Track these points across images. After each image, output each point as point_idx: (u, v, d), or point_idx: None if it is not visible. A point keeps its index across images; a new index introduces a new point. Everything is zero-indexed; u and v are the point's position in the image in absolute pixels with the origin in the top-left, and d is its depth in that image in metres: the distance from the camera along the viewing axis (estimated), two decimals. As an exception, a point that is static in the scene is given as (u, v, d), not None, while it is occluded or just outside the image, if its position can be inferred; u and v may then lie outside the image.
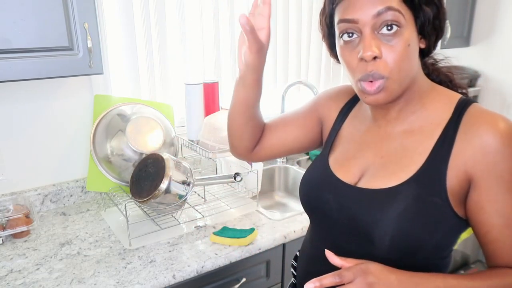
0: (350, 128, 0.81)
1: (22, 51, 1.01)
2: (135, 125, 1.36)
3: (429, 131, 0.67)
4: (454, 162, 0.63)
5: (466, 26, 2.14)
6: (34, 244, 1.18)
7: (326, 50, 0.78)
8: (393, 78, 0.62)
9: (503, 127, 0.60)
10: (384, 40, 0.61)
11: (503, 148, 0.60)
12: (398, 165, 0.68)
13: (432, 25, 0.64)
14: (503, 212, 0.62)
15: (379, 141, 0.73)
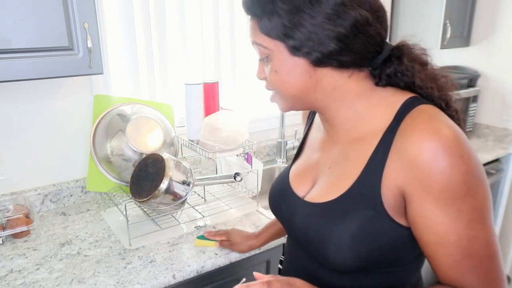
0: (312, 136, 0.81)
1: (22, 51, 1.01)
2: (135, 125, 1.36)
3: (369, 138, 0.63)
4: (387, 174, 0.59)
5: (466, 26, 2.14)
6: (34, 244, 1.18)
7: None
8: (278, 93, 0.68)
9: (433, 138, 0.55)
10: (266, 64, 0.67)
11: (430, 163, 0.54)
12: (339, 176, 0.67)
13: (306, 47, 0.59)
14: (434, 229, 0.57)
15: (328, 149, 0.72)
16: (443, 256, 0.58)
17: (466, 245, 0.57)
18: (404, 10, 2.15)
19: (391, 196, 0.60)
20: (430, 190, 0.56)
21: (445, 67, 2.33)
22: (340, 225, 0.63)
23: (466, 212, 0.56)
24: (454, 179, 0.54)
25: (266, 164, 1.82)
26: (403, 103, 0.62)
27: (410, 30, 2.14)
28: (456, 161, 0.54)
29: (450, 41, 2.03)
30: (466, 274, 0.58)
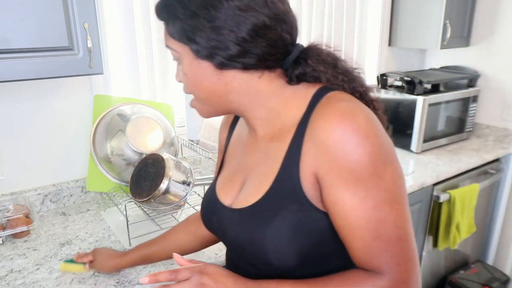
0: (234, 146, 0.80)
1: (22, 51, 1.01)
2: (135, 125, 1.36)
3: (285, 133, 0.64)
4: (304, 164, 0.60)
5: (466, 26, 2.14)
6: (34, 244, 1.18)
7: None
8: (196, 97, 0.68)
9: (340, 121, 0.57)
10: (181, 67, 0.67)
11: (338, 147, 0.56)
12: (261, 176, 0.67)
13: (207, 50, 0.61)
14: (344, 213, 0.58)
15: (252, 151, 0.72)
16: (354, 240, 0.59)
17: (375, 227, 0.57)
18: (404, 10, 2.15)
19: (310, 186, 0.61)
20: (339, 172, 0.57)
21: (445, 67, 2.33)
22: (271, 227, 0.62)
23: (374, 193, 0.57)
24: (360, 159, 0.56)
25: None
26: (314, 93, 0.64)
27: (410, 30, 2.14)
28: (362, 142, 0.56)
29: (450, 41, 2.03)
30: (376, 256, 0.59)
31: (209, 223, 0.78)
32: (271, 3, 0.59)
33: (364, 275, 0.60)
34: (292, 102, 0.65)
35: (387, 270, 0.59)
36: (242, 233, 0.67)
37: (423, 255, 1.87)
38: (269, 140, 0.68)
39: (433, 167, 1.81)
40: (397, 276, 0.59)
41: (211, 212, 0.77)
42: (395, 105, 2.03)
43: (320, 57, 0.66)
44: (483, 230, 2.23)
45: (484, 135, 2.24)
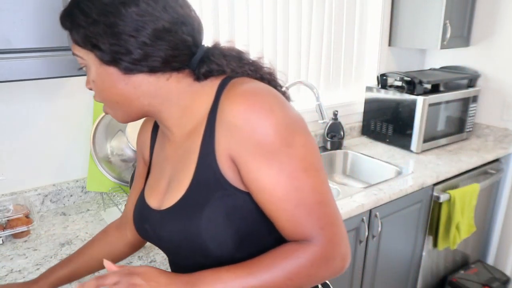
0: (157, 151, 0.81)
1: (22, 51, 1.01)
2: (135, 125, 1.36)
3: (198, 126, 0.67)
4: (219, 151, 0.63)
5: (466, 26, 2.14)
6: (34, 244, 1.18)
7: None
8: (105, 103, 0.69)
9: (243, 100, 0.60)
10: None
11: (244, 125, 0.59)
12: (182, 172, 0.69)
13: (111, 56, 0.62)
14: (263, 188, 0.61)
15: (171, 152, 0.74)
16: (278, 212, 0.62)
17: (295, 195, 0.60)
18: (404, 10, 2.15)
19: (228, 169, 0.63)
20: (250, 149, 0.59)
21: (445, 67, 2.33)
22: (203, 218, 0.64)
23: (287, 163, 0.59)
24: (268, 132, 0.58)
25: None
26: (219, 83, 0.67)
27: (410, 30, 2.14)
28: (266, 115, 0.58)
29: (450, 41, 2.04)
30: (302, 224, 0.61)
31: (143, 232, 0.77)
32: (170, 8, 0.62)
33: (294, 246, 0.62)
34: (201, 97, 0.67)
35: (314, 236, 0.62)
36: (176, 231, 0.68)
37: (423, 255, 1.87)
38: (186, 138, 0.70)
39: (433, 167, 1.81)
40: (325, 239, 0.62)
41: (143, 221, 0.76)
42: (395, 105, 2.04)
43: (222, 52, 0.69)
44: (483, 230, 2.23)
45: (484, 135, 2.24)
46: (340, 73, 2.13)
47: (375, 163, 1.91)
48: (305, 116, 2.17)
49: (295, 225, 0.62)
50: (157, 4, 0.61)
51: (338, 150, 2.05)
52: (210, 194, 0.64)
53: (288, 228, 0.63)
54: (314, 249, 0.61)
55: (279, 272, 0.61)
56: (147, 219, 0.75)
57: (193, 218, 0.65)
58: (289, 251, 0.62)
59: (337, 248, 0.63)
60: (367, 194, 1.52)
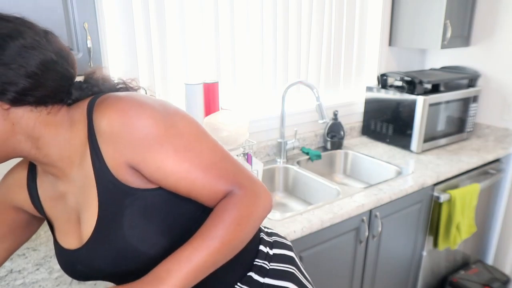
0: (48, 195, 0.77)
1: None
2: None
3: (83, 152, 0.67)
4: (112, 165, 0.65)
5: (466, 26, 2.14)
6: (34, 244, 1.18)
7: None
8: None
9: (113, 110, 0.63)
10: None
11: (124, 128, 0.62)
12: (87, 199, 0.69)
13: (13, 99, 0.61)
14: (170, 171, 0.64)
15: (68, 188, 0.72)
16: (192, 186, 0.66)
17: (198, 162, 0.65)
18: (404, 10, 2.15)
19: (128, 176, 0.66)
20: (140, 146, 0.63)
21: (445, 67, 2.33)
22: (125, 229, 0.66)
23: (178, 140, 0.64)
24: (147, 125, 0.62)
25: (266, 164, 1.82)
26: (87, 105, 0.67)
27: (410, 30, 2.14)
28: (138, 111, 0.62)
29: (450, 41, 2.04)
30: (216, 184, 0.67)
31: (78, 275, 0.76)
32: (52, 41, 0.65)
33: (222, 202, 0.67)
34: (76, 124, 0.68)
35: (232, 188, 0.68)
36: (108, 254, 0.68)
37: (424, 255, 1.87)
38: (78, 168, 0.69)
39: (433, 167, 1.80)
40: (242, 184, 0.69)
41: (73, 265, 0.74)
42: (395, 105, 2.03)
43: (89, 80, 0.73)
44: (484, 230, 2.23)
45: (485, 135, 2.24)
46: (340, 73, 2.13)
47: (375, 163, 1.91)
48: (305, 116, 2.14)
49: (211, 188, 0.67)
50: (41, 37, 0.63)
51: (338, 150, 2.05)
52: (121, 205, 0.66)
53: (207, 195, 0.67)
54: (238, 194, 0.68)
55: (226, 223, 0.65)
56: (75, 262, 0.73)
57: (116, 233, 0.67)
58: (221, 207, 0.67)
59: (255, 186, 0.70)
60: (367, 194, 1.52)
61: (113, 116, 0.62)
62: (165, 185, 0.66)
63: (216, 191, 0.67)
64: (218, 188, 0.67)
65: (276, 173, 1.84)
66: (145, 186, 0.67)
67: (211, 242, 0.63)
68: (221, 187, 0.68)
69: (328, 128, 2.04)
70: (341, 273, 1.53)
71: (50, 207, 0.77)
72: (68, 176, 0.71)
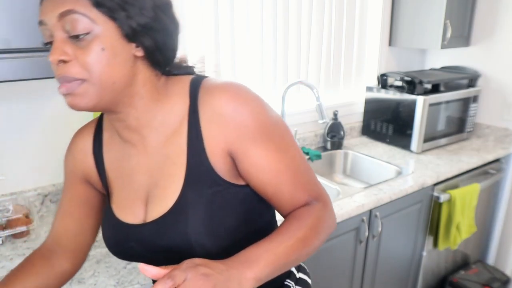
0: (114, 165, 0.74)
1: (22, 51, 1.01)
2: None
3: (178, 127, 0.66)
4: (209, 147, 0.65)
5: (466, 26, 2.13)
6: (34, 244, 1.18)
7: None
8: (91, 81, 0.58)
9: (227, 93, 0.63)
10: (76, 43, 0.57)
11: (234, 113, 0.62)
12: (168, 177, 0.67)
13: (144, 33, 0.60)
14: (266, 167, 0.65)
15: (143, 161, 0.70)
16: (281, 187, 0.67)
17: (292, 166, 0.67)
18: (404, 10, 2.15)
19: (221, 163, 0.65)
20: (248, 135, 0.63)
21: (446, 67, 2.33)
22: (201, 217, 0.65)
23: (279, 140, 0.66)
24: (259, 115, 0.64)
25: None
26: (190, 84, 0.68)
27: (410, 30, 2.14)
28: (253, 101, 0.64)
29: (450, 41, 2.03)
30: (303, 190, 0.68)
31: (124, 252, 0.73)
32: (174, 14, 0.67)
33: (303, 209, 0.68)
34: (174, 97, 0.67)
35: (314, 197, 0.70)
36: (173, 240, 0.66)
37: (424, 255, 1.87)
38: (164, 144, 0.68)
39: (433, 167, 1.80)
40: (322, 197, 0.71)
41: (125, 240, 0.71)
42: (395, 105, 2.03)
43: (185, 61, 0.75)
44: (484, 230, 2.23)
45: (485, 135, 2.24)
46: (340, 73, 2.13)
47: (375, 163, 1.91)
48: (305, 116, 2.14)
49: (295, 195, 0.68)
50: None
51: (338, 150, 2.05)
52: (204, 192, 0.65)
53: (288, 200, 0.68)
54: (317, 206, 0.69)
55: (306, 228, 0.65)
56: (131, 238, 0.70)
57: (190, 218, 0.64)
58: (303, 212, 0.67)
59: (329, 203, 0.72)
60: (367, 194, 1.52)
61: (228, 99, 0.63)
62: (254, 181, 0.67)
63: (297, 198, 0.69)
64: (300, 197, 0.69)
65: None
66: (230, 179, 0.67)
67: (289, 240, 0.63)
68: (302, 196, 0.69)
69: (328, 128, 2.04)
70: (341, 273, 1.53)
71: (114, 177, 0.74)
72: (146, 148, 0.69)
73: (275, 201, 0.69)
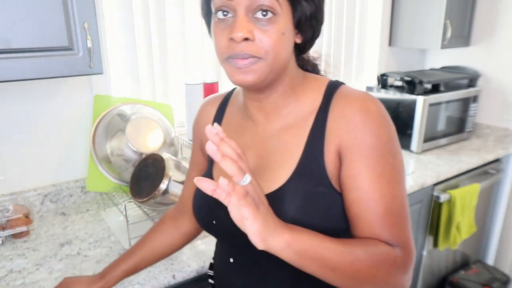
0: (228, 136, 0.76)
1: (22, 51, 1.01)
2: (135, 125, 1.36)
3: (303, 121, 0.68)
4: (328, 148, 0.65)
5: (466, 26, 2.13)
6: (34, 244, 1.18)
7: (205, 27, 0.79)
8: (266, 60, 0.61)
9: (364, 104, 0.63)
10: (258, 25, 0.60)
11: (362, 124, 0.62)
12: (279, 163, 0.68)
13: (308, 22, 0.64)
14: (362, 187, 0.62)
15: (259, 141, 0.72)
16: (367, 213, 0.63)
17: (388, 202, 0.62)
18: (404, 10, 2.15)
19: (332, 166, 0.65)
20: (362, 148, 0.62)
21: (445, 67, 2.33)
22: (295, 209, 0.64)
23: (388, 170, 0.63)
24: (381, 137, 0.62)
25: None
26: (327, 85, 0.69)
27: (410, 30, 2.14)
28: (383, 123, 0.63)
29: (450, 41, 2.03)
30: (386, 229, 0.63)
31: (208, 217, 0.74)
32: None
33: (381, 245, 0.62)
34: (310, 90, 0.70)
35: (397, 243, 0.63)
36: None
37: (424, 255, 1.87)
38: (283, 129, 0.70)
39: (433, 167, 1.80)
40: (407, 250, 0.64)
41: (212, 205, 0.71)
42: (395, 105, 2.03)
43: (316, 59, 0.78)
44: (484, 230, 2.23)
45: (485, 135, 2.24)
46: (340, 73, 2.13)
47: (375, 163, 1.91)
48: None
49: (376, 228, 0.63)
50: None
51: (338, 150, 2.04)
52: (309, 189, 0.65)
53: (372, 230, 0.63)
54: (397, 253, 0.62)
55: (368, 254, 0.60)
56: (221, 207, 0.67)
57: (287, 207, 0.64)
58: (379, 244, 0.62)
59: (411, 260, 0.64)
60: (367, 194, 1.52)
61: (362, 109, 0.63)
62: (345, 193, 0.64)
63: (377, 234, 0.63)
64: (381, 234, 0.63)
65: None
66: (334, 184, 0.65)
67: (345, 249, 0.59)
68: (384, 234, 0.63)
69: (328, 128, 2.03)
70: (341, 273, 1.53)
71: None
72: (265, 131, 0.72)
73: (352, 222, 0.65)
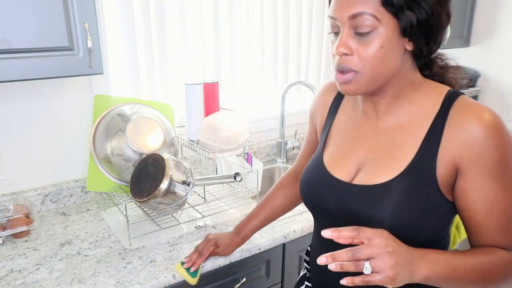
0: (341, 125, 0.84)
1: (22, 51, 1.01)
2: (135, 125, 1.36)
3: (418, 124, 0.71)
4: (442, 154, 0.67)
5: (466, 26, 2.14)
6: (34, 244, 1.18)
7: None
8: (363, 73, 0.67)
9: (488, 119, 0.64)
10: (358, 39, 0.65)
11: (487, 140, 0.64)
12: (390, 159, 0.72)
13: (418, 30, 0.65)
14: (486, 199, 0.66)
15: (371, 136, 0.77)
16: (491, 223, 0.67)
17: (510, 212, 0.67)
18: (404, 10, 2.15)
19: (446, 172, 0.67)
20: (486, 163, 0.65)
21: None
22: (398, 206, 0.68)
23: (511, 183, 0.66)
24: (506, 153, 0.65)
25: (266, 164, 1.82)
26: (447, 94, 0.70)
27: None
28: (507, 138, 0.65)
29: (450, 41, 2.04)
30: (508, 237, 0.68)
31: (316, 197, 0.79)
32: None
33: (501, 251, 0.68)
34: (426, 98, 0.71)
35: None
36: (363, 206, 0.71)
37: (423, 255, 1.87)
38: (396, 129, 0.73)
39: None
40: None
41: (321, 187, 0.78)
42: (395, 105, 2.03)
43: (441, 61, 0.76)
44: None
45: (484, 135, 2.24)
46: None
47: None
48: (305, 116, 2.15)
49: (497, 235, 0.68)
50: None
51: (338, 150, 2.04)
52: (417, 189, 0.68)
53: (486, 236, 0.68)
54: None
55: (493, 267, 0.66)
56: (328, 187, 0.77)
57: (390, 200, 0.68)
58: (499, 252, 0.68)
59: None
60: (367, 194, 1.52)
61: (486, 124, 0.64)
62: (464, 204, 0.68)
63: (497, 241, 0.69)
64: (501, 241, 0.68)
65: (276, 173, 1.84)
66: (443, 190, 0.68)
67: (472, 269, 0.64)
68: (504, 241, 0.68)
69: (328, 128, 2.04)
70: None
71: (335, 134, 0.84)
72: (377, 127, 0.76)
73: (473, 230, 0.70)
